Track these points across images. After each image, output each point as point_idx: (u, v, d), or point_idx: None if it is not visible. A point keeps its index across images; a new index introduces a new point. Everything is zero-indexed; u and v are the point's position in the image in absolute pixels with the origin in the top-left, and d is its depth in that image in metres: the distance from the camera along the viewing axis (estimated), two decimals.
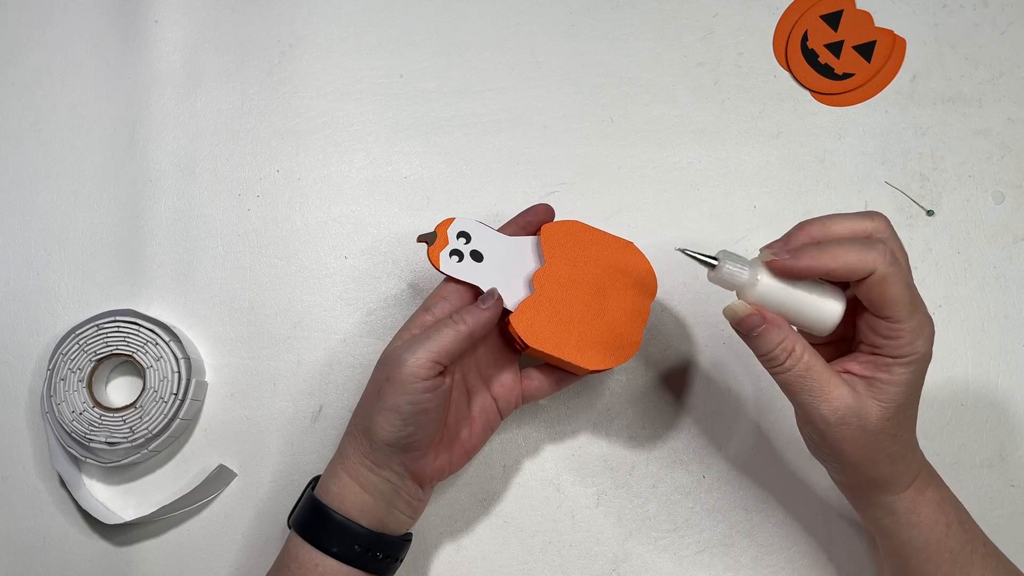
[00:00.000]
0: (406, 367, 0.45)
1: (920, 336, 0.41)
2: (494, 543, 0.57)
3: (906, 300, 0.41)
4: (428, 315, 0.49)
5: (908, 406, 0.43)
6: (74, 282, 0.60)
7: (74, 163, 0.62)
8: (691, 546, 0.56)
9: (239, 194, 0.61)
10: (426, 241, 0.50)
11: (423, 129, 0.62)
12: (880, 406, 0.42)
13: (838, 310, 0.42)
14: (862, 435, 0.42)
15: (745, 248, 0.60)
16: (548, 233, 0.51)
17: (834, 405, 0.42)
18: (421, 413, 0.46)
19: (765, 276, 0.42)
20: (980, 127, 0.61)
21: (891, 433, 0.43)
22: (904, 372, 0.42)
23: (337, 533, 0.47)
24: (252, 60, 0.63)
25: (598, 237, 0.51)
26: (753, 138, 0.61)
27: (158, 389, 0.56)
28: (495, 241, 0.51)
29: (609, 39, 0.63)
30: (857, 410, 0.42)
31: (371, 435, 0.46)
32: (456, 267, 0.50)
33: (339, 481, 0.48)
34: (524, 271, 0.51)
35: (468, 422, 0.51)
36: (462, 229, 0.50)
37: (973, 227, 0.60)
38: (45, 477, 0.58)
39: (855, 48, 0.62)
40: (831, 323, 0.42)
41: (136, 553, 0.57)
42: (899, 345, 0.41)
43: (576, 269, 0.50)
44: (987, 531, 0.50)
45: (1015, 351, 0.58)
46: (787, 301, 0.42)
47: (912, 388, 0.42)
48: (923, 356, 0.42)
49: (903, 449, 0.44)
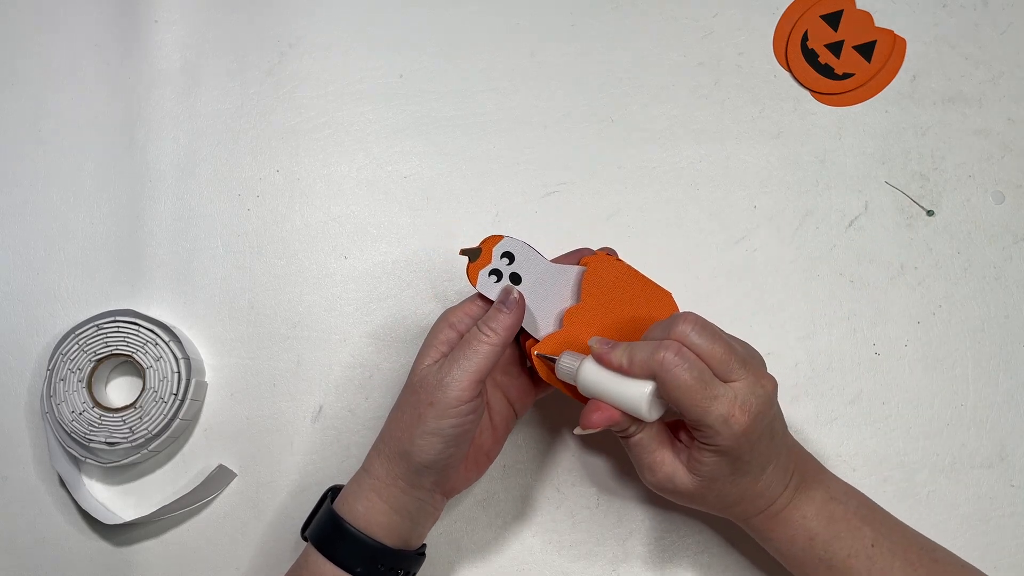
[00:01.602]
0: (450, 391, 0.45)
1: (719, 433, 0.43)
2: (494, 543, 0.57)
3: (690, 403, 0.42)
4: (453, 331, 0.48)
5: (726, 477, 0.45)
6: (74, 282, 0.60)
7: (74, 163, 0.62)
8: (691, 546, 0.56)
9: (239, 194, 0.61)
10: (468, 256, 0.49)
11: (423, 129, 0.62)
12: (693, 478, 0.45)
13: (644, 392, 0.44)
14: (682, 498, 0.47)
15: (745, 247, 0.60)
16: (592, 269, 0.49)
17: (656, 475, 0.46)
18: (463, 434, 0.46)
19: (589, 363, 0.46)
20: (980, 127, 0.61)
21: (715, 494, 0.46)
22: (711, 457, 0.44)
23: (362, 553, 0.47)
24: (252, 60, 0.63)
25: (639, 282, 0.50)
26: (753, 138, 0.61)
27: (158, 389, 0.56)
28: (537, 266, 0.49)
29: (609, 39, 0.63)
30: (672, 478, 0.46)
31: (410, 458, 0.46)
32: (492, 287, 0.48)
33: (367, 501, 0.47)
34: (559, 302, 0.49)
35: (490, 430, 0.51)
36: (508, 250, 0.49)
37: (973, 227, 0.60)
38: (45, 477, 0.58)
39: (855, 48, 0.62)
40: (641, 407, 0.44)
41: (136, 553, 0.57)
42: (700, 436, 0.44)
43: (608, 312, 0.49)
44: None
45: (1015, 351, 0.58)
46: (607, 387, 0.45)
47: (724, 467, 0.44)
48: (727, 448, 0.43)
49: (740, 495, 0.46)
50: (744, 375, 0.43)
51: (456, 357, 0.46)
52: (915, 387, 0.58)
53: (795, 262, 0.60)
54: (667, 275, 0.59)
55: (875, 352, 0.58)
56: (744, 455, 0.44)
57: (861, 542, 0.47)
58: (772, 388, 0.45)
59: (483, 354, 0.45)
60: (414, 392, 0.47)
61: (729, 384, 0.43)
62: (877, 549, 0.47)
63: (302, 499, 0.57)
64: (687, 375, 0.42)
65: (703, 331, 0.43)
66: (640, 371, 0.43)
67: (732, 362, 0.43)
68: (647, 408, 0.44)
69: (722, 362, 0.43)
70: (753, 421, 0.43)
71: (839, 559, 0.47)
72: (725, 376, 0.43)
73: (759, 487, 0.46)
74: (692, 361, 0.42)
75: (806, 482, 0.48)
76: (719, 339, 0.44)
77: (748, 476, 0.45)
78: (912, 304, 0.59)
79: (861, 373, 0.58)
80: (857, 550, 0.47)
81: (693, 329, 0.43)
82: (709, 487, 0.45)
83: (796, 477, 0.48)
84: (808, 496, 0.48)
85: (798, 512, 0.47)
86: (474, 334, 0.46)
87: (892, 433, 0.57)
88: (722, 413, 0.42)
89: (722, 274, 0.60)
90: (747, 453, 0.44)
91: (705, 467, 0.44)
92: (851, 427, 0.58)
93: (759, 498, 0.47)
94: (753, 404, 0.43)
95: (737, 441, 0.43)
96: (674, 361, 0.42)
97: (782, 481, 0.47)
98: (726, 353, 0.43)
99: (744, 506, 0.47)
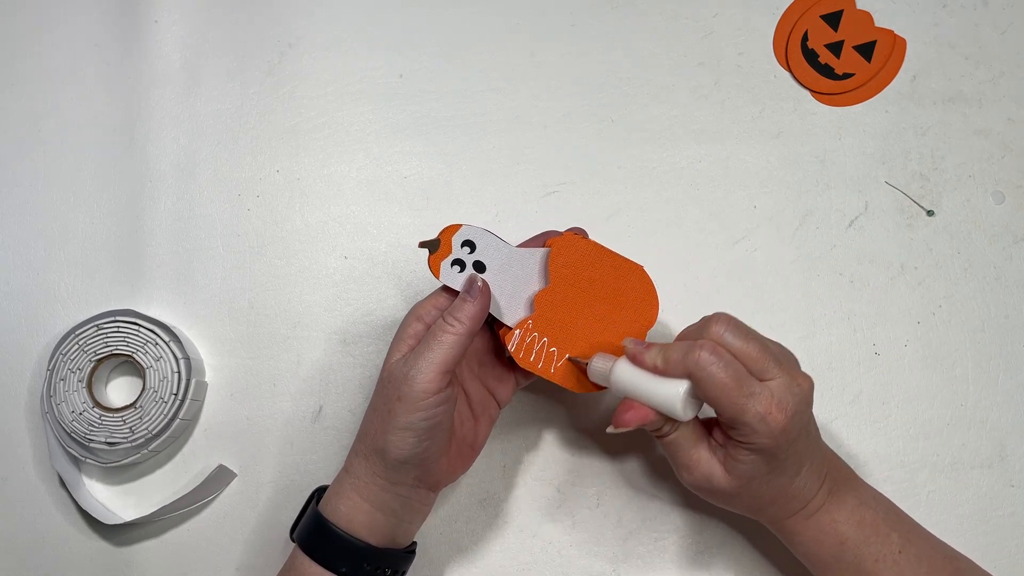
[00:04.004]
0: (416, 384, 0.45)
1: (757, 432, 0.43)
2: (494, 543, 0.57)
3: (728, 402, 0.42)
4: (420, 324, 0.48)
5: (761, 476, 0.45)
6: (74, 282, 0.60)
7: (74, 163, 0.62)
8: (691, 546, 0.56)
9: (239, 194, 0.61)
10: (428, 248, 0.48)
11: (423, 129, 0.62)
12: (729, 477, 0.45)
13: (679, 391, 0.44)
14: (718, 498, 0.47)
15: (745, 247, 0.60)
16: (557, 250, 0.49)
17: (693, 474, 0.46)
18: (436, 427, 0.46)
19: (622, 364, 0.46)
20: (980, 127, 0.61)
21: (751, 493, 0.46)
22: (749, 456, 0.44)
23: (347, 553, 0.47)
24: (252, 60, 0.63)
25: (608, 258, 0.50)
26: (753, 138, 0.61)
27: (158, 389, 0.56)
28: (501, 252, 0.48)
29: (609, 39, 0.63)
30: (710, 478, 0.46)
31: (385, 454, 0.46)
32: (457, 277, 0.48)
33: (349, 501, 0.47)
34: (527, 287, 0.49)
35: (472, 421, 0.51)
36: (468, 238, 0.48)
37: (973, 227, 0.60)
38: (45, 477, 0.58)
39: (855, 48, 0.62)
40: (676, 405, 0.44)
41: (136, 553, 0.57)
42: (737, 435, 0.44)
43: (579, 292, 0.49)
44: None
45: (1015, 351, 0.58)
46: (641, 386, 0.45)
47: (761, 466, 0.44)
48: (764, 447, 0.43)
49: (774, 496, 0.46)
50: (779, 374, 0.43)
51: (421, 350, 0.45)
52: (915, 387, 0.58)
53: (795, 262, 0.60)
54: (667, 275, 0.59)
55: (875, 352, 0.58)
56: (780, 454, 0.44)
57: (889, 547, 0.47)
58: (808, 387, 0.45)
59: (448, 344, 0.45)
60: (384, 388, 0.47)
61: (765, 383, 0.43)
62: (904, 555, 0.47)
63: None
64: (723, 373, 0.42)
65: (737, 331, 0.44)
66: (675, 370, 0.44)
67: (767, 361, 0.43)
68: (681, 407, 0.44)
69: (757, 361, 0.43)
70: (790, 420, 0.43)
71: (867, 564, 0.47)
72: (761, 375, 0.43)
73: (794, 488, 0.46)
74: (728, 360, 0.43)
75: (838, 486, 0.48)
76: (753, 339, 0.44)
77: (784, 476, 0.45)
78: (912, 304, 0.59)
79: (861, 373, 0.58)
80: (884, 555, 0.47)
81: (727, 329, 0.44)
82: (746, 487, 0.45)
83: (829, 480, 0.48)
84: (840, 500, 0.48)
85: (829, 516, 0.47)
86: (439, 325, 0.46)
87: (892, 433, 0.58)
88: (759, 411, 0.42)
89: (722, 274, 0.60)
90: (784, 452, 0.44)
91: (742, 466, 0.44)
92: (851, 427, 0.58)
93: (793, 500, 0.47)
94: (790, 403, 0.43)
95: (775, 439, 0.43)
96: (710, 360, 0.42)
97: (815, 483, 0.47)
98: (761, 352, 0.43)
99: (778, 507, 0.47)
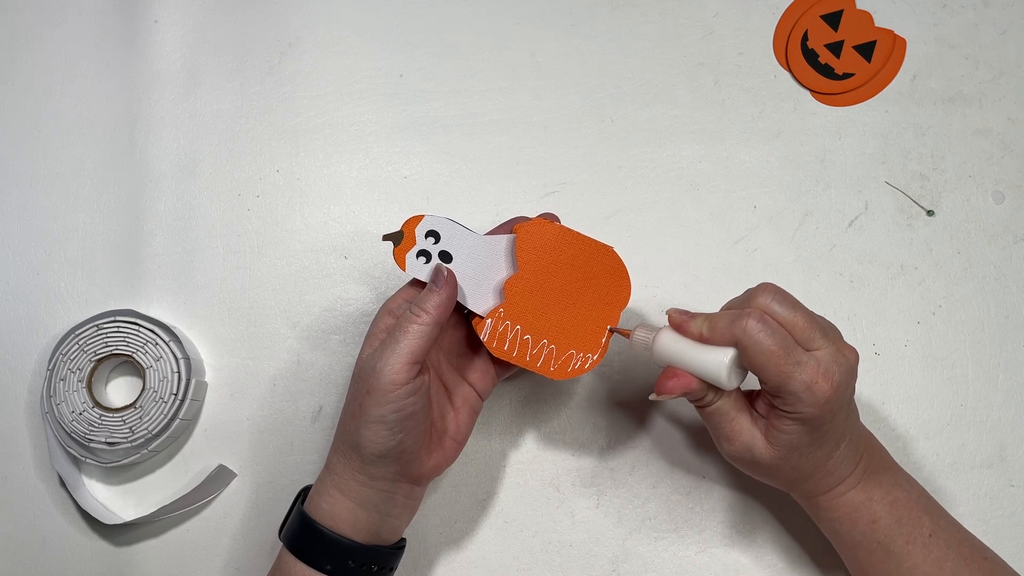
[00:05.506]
0: (384, 376, 0.44)
1: (802, 400, 0.43)
2: (494, 543, 0.57)
3: (775, 369, 0.42)
4: (391, 318, 0.48)
5: (802, 448, 0.45)
6: (74, 282, 0.60)
7: (74, 163, 0.62)
8: (691, 546, 0.56)
9: (239, 194, 0.61)
10: (392, 240, 0.48)
11: (423, 129, 0.62)
12: (771, 448, 0.45)
13: (724, 360, 0.44)
14: (757, 469, 0.47)
15: (745, 247, 0.60)
16: (524, 235, 0.48)
17: (734, 444, 0.46)
18: (408, 419, 0.45)
19: (667, 332, 0.46)
20: (980, 127, 0.61)
21: (791, 465, 0.46)
22: (792, 426, 0.44)
23: (330, 551, 0.46)
24: (252, 60, 0.63)
25: (576, 241, 0.49)
26: (753, 138, 0.61)
27: (158, 389, 0.56)
28: (466, 241, 0.48)
29: (609, 39, 0.63)
30: (751, 448, 0.46)
31: (360, 449, 0.46)
32: (423, 269, 0.47)
33: (330, 498, 0.47)
34: (496, 274, 0.48)
35: (452, 414, 0.51)
36: (431, 228, 0.48)
37: (973, 227, 0.60)
38: (45, 477, 0.58)
39: (855, 48, 0.62)
40: (721, 373, 0.44)
41: (136, 553, 0.57)
42: (782, 403, 0.44)
43: (549, 277, 0.49)
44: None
45: (1015, 351, 0.58)
46: (686, 355, 0.45)
47: (803, 436, 0.44)
48: (809, 416, 0.43)
49: (812, 469, 0.46)
50: (826, 344, 0.44)
51: (388, 342, 0.45)
52: (915, 387, 0.58)
53: (795, 262, 0.60)
54: (667, 275, 0.59)
55: (875, 352, 0.58)
56: (824, 424, 0.44)
57: (920, 530, 0.47)
58: (854, 359, 0.45)
59: (414, 335, 0.45)
60: (355, 383, 0.47)
61: (812, 352, 0.43)
62: (934, 539, 0.47)
63: None
64: (770, 341, 0.42)
65: (784, 300, 0.44)
66: (721, 339, 0.44)
67: (814, 331, 0.43)
68: (727, 375, 0.44)
69: (804, 330, 0.43)
70: (835, 389, 0.43)
71: (898, 544, 0.47)
72: (807, 344, 0.43)
73: (832, 463, 0.46)
74: (775, 328, 0.43)
75: (874, 465, 0.48)
76: (800, 309, 0.44)
77: (824, 448, 0.45)
78: (912, 304, 0.59)
79: (861, 373, 0.58)
80: (915, 537, 0.47)
81: (774, 299, 0.44)
82: (786, 458, 0.45)
83: (865, 459, 0.48)
84: (876, 480, 0.48)
85: (864, 494, 0.48)
86: (405, 316, 0.46)
87: (892, 433, 0.57)
88: (805, 380, 0.42)
89: (722, 274, 0.60)
90: (827, 423, 0.44)
91: (784, 435, 0.44)
92: None
93: (829, 475, 0.47)
94: (836, 373, 0.43)
95: (820, 409, 0.43)
96: (757, 327, 0.42)
97: (852, 460, 0.47)
98: (807, 322, 0.44)
99: (814, 481, 0.47)
